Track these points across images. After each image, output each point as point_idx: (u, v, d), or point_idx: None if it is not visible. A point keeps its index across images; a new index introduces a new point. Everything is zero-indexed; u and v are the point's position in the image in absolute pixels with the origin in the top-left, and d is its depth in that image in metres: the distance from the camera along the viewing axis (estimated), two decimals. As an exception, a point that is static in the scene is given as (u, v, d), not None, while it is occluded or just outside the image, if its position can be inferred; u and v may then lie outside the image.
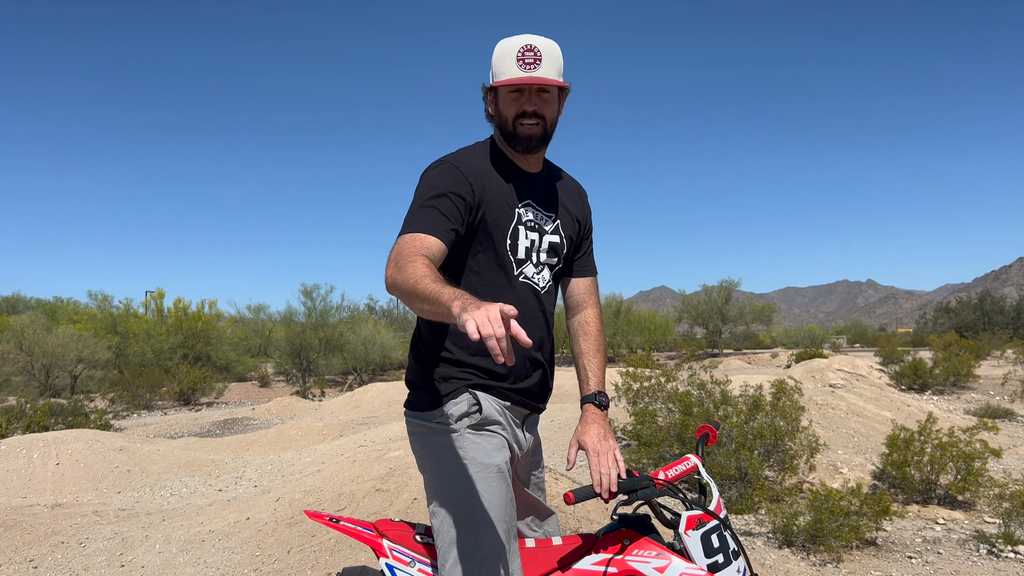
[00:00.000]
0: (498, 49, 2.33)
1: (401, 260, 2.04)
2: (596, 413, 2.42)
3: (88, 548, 5.98)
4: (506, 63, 2.29)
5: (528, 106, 2.30)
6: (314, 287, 37.09)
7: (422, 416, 2.37)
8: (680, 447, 7.16)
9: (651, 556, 2.20)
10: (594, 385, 2.49)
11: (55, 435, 9.80)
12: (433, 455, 2.33)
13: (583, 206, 2.64)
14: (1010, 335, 41.47)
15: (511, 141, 2.36)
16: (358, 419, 15.53)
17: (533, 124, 2.32)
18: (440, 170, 2.30)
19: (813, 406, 10.17)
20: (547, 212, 2.46)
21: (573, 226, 2.55)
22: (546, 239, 2.44)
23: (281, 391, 30.11)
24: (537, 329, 2.43)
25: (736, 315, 55.96)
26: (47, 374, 27.20)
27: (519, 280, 2.38)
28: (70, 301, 41.82)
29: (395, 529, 2.54)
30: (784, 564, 5.31)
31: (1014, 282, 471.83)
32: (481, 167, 2.35)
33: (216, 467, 9.85)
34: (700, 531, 2.20)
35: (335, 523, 2.64)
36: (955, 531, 6.18)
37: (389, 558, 2.46)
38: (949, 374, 18.21)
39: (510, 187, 2.39)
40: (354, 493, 5.89)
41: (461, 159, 2.34)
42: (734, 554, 2.23)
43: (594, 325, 2.60)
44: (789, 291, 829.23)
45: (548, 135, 2.38)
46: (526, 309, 2.39)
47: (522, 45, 2.27)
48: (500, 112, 2.36)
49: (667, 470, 2.37)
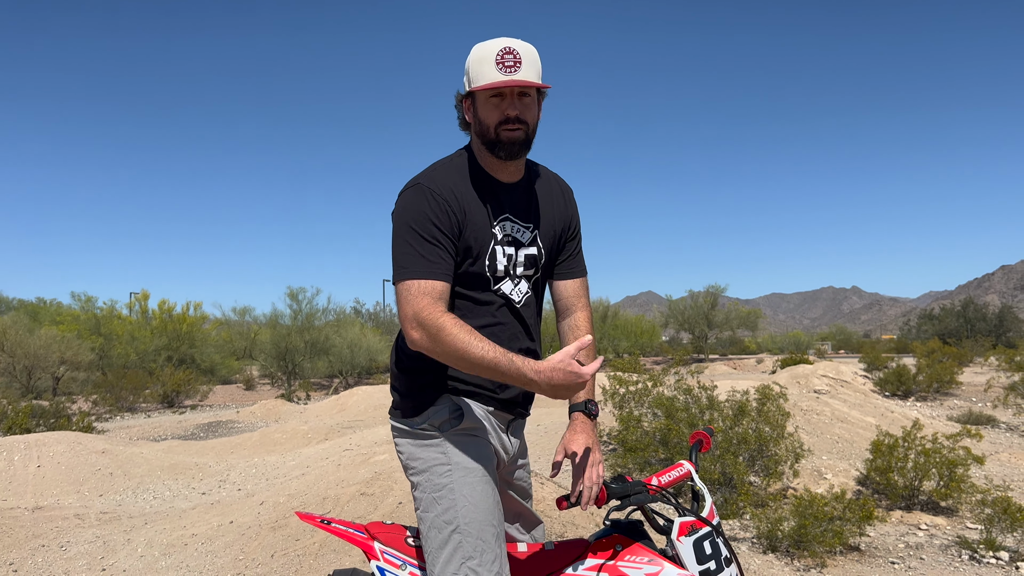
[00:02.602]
0: (474, 53, 2.26)
1: (427, 323, 2.11)
2: (585, 422, 2.38)
3: (69, 552, 5.92)
4: (484, 67, 2.21)
5: (511, 111, 2.23)
6: (300, 290, 36.92)
7: (407, 422, 2.37)
8: (665, 452, 7.17)
9: (643, 562, 2.21)
10: (584, 393, 2.43)
11: (36, 437, 9.71)
12: (418, 461, 2.33)
13: (566, 207, 2.57)
14: (992, 342, 41.85)
15: (494, 148, 2.28)
16: (343, 423, 15.47)
17: (516, 129, 2.25)
18: (421, 198, 2.23)
19: (798, 412, 10.21)
20: (524, 223, 2.41)
21: (553, 233, 2.50)
22: (522, 252, 2.39)
23: (266, 394, 29.95)
24: (516, 340, 2.40)
25: (722, 320, 56.21)
26: (29, 375, 26.90)
27: (496, 295, 2.36)
28: (53, 302, 41.48)
29: (386, 531, 2.53)
30: (768, 569, 5.33)
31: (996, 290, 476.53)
32: (458, 188, 2.28)
33: (200, 470, 9.79)
34: (692, 537, 2.21)
35: (326, 524, 2.62)
36: (937, 537, 6.22)
37: (380, 560, 2.45)
38: (932, 381, 18.35)
39: (488, 205, 2.33)
40: (339, 497, 5.87)
41: (437, 181, 2.26)
42: (726, 561, 2.24)
43: (584, 329, 2.55)
44: (775, 297, 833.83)
45: (530, 140, 2.31)
46: (505, 323, 2.38)
47: (501, 48, 2.21)
48: (480, 120, 2.28)
49: (660, 476, 2.36)
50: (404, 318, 2.17)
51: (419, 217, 2.20)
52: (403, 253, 2.20)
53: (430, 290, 2.16)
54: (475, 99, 2.30)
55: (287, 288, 48.28)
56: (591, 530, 5.41)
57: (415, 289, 2.15)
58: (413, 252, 2.18)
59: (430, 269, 2.17)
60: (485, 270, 2.32)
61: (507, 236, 2.36)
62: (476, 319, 2.30)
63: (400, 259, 2.20)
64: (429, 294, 2.15)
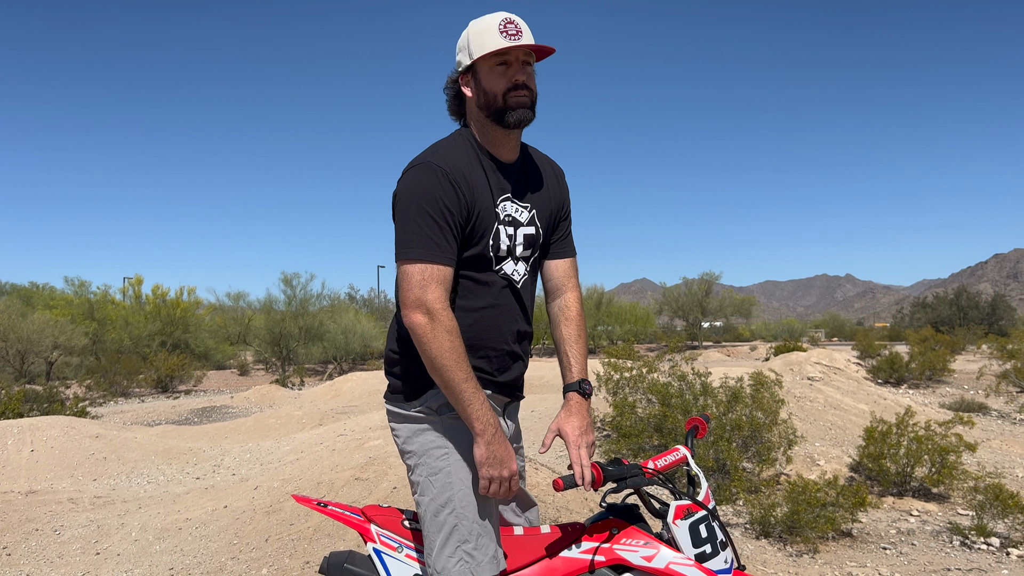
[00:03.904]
0: (474, 27, 2.26)
1: (432, 310, 2.11)
2: (580, 402, 2.40)
3: (63, 536, 5.91)
4: (487, 37, 2.22)
5: (519, 76, 2.23)
6: (294, 275, 36.82)
7: (404, 406, 2.37)
8: (659, 438, 7.19)
9: (639, 545, 2.22)
10: (577, 373, 2.46)
11: (30, 421, 9.69)
12: (415, 444, 2.33)
13: (560, 187, 2.57)
14: (985, 330, 42.00)
15: (503, 117, 2.25)
16: (338, 408, 15.47)
17: (523, 94, 2.24)
18: (433, 177, 2.19)
19: (791, 398, 10.25)
20: (522, 203, 2.40)
21: (549, 212, 2.49)
22: (520, 232, 2.38)
23: (260, 379, 29.94)
24: (515, 323, 2.41)
25: (716, 308, 56.29)
26: (22, 360, 26.84)
27: (498, 276, 2.35)
28: (46, 287, 41.31)
29: (383, 514, 2.54)
30: (761, 555, 5.36)
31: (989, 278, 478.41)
32: (465, 168, 2.25)
33: (194, 455, 9.79)
34: (688, 521, 2.22)
35: (323, 507, 2.63)
36: (929, 523, 6.26)
37: (377, 543, 2.46)
38: (925, 368, 18.42)
39: (492, 185, 2.32)
40: (333, 482, 5.87)
41: (446, 159, 2.23)
42: (722, 545, 2.25)
43: (575, 309, 2.55)
44: (768, 285, 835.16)
45: (534, 107, 2.30)
46: (505, 304, 2.37)
47: (502, 19, 2.23)
48: (486, 90, 2.25)
49: (656, 460, 2.37)
50: (407, 301, 2.14)
51: (429, 197, 2.17)
52: (410, 231, 2.16)
53: (438, 276, 2.14)
54: (477, 72, 2.28)
55: (281, 273, 48.26)
56: (586, 515, 5.43)
57: (423, 273, 2.13)
58: (421, 232, 2.15)
59: (438, 253, 2.15)
60: (488, 250, 2.30)
61: (508, 216, 2.34)
62: (477, 300, 2.31)
63: (407, 238, 2.17)
64: (437, 280, 2.13)
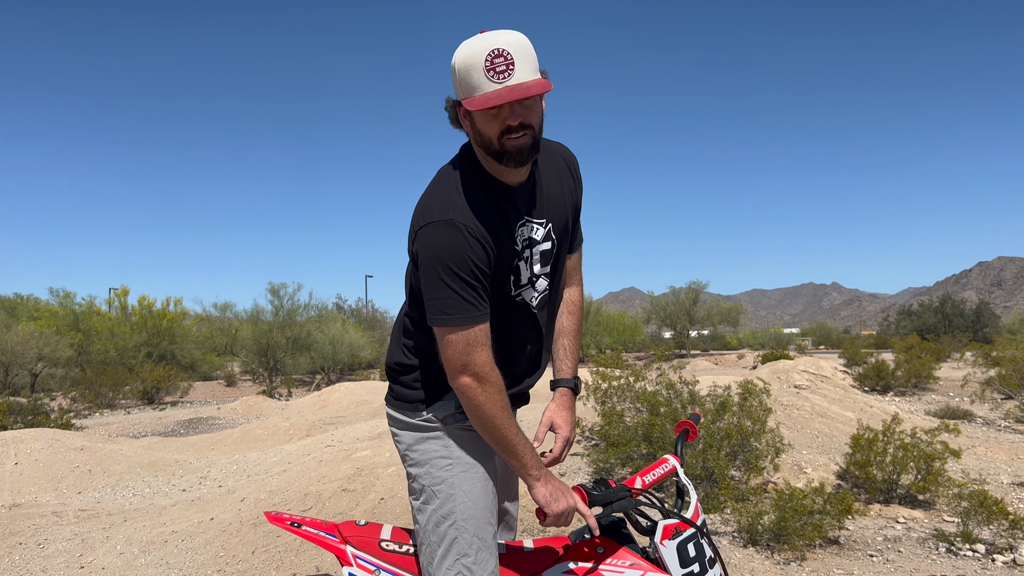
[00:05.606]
0: (459, 58, 2.01)
1: (481, 374, 2.09)
2: (572, 398, 2.45)
3: (47, 549, 5.86)
4: (473, 75, 1.98)
5: (512, 120, 2.03)
6: (281, 285, 36.61)
7: (409, 414, 2.33)
8: (648, 447, 7.20)
9: (625, 566, 2.18)
10: (571, 368, 2.49)
11: (14, 434, 9.60)
12: (418, 452, 2.31)
13: (573, 185, 2.42)
14: (970, 338, 42.34)
15: (501, 159, 2.10)
16: (325, 419, 15.39)
17: (521, 136, 2.05)
18: (459, 238, 2.07)
19: (778, 406, 10.29)
20: (537, 220, 2.27)
21: (565, 220, 2.38)
22: (537, 250, 2.27)
23: (247, 390, 29.77)
24: (531, 342, 2.39)
25: (704, 316, 56.45)
26: (6, 372, 26.58)
27: (516, 301, 2.28)
28: (31, 298, 40.91)
29: (360, 534, 2.46)
30: (749, 563, 5.37)
31: (974, 286, 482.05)
32: (484, 217, 2.11)
33: (180, 467, 9.71)
34: (676, 541, 2.18)
35: (296, 528, 2.54)
36: (915, 530, 6.29)
37: (353, 566, 2.40)
38: (911, 376, 18.53)
39: (508, 221, 2.18)
40: (320, 493, 5.84)
41: (466, 216, 2.08)
42: (710, 562, 2.22)
43: (577, 304, 2.53)
44: (756, 293, 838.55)
45: (538, 142, 2.12)
46: (521, 328, 2.33)
47: (488, 52, 1.96)
48: (480, 132, 2.08)
49: (644, 475, 2.33)
50: (453, 366, 2.10)
51: (459, 260, 2.06)
52: (445, 296, 2.07)
53: (481, 337, 2.10)
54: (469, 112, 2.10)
55: (268, 284, 48.05)
56: (571, 527, 5.42)
57: (466, 339, 2.08)
58: (457, 297, 2.06)
59: (478, 315, 2.09)
60: (511, 287, 2.25)
61: (525, 240, 2.24)
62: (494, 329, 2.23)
63: (443, 304, 2.08)
64: (480, 342, 2.10)
